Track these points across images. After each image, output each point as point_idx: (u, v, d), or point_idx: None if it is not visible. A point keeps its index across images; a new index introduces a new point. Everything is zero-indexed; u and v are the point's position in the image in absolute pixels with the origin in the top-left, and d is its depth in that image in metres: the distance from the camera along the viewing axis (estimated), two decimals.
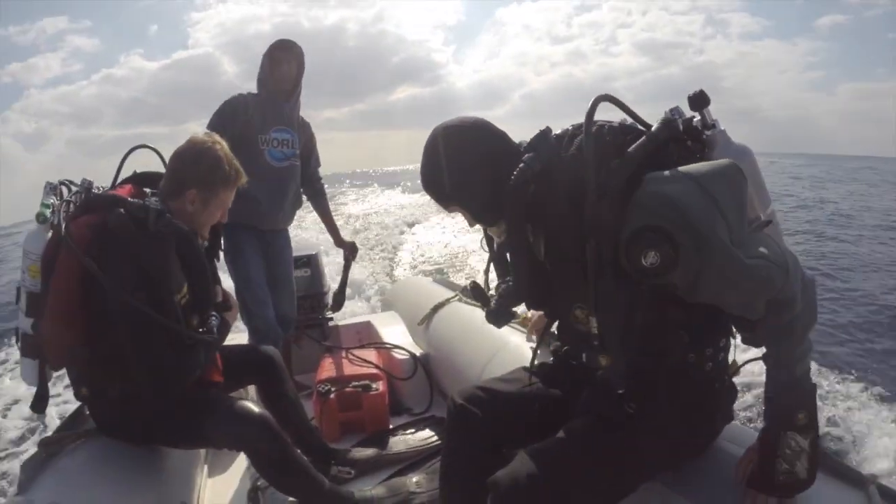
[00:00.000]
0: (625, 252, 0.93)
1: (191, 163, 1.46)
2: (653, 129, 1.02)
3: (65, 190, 1.51)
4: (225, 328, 1.57)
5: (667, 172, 0.95)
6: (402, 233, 12.10)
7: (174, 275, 1.42)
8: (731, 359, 1.15)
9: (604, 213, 0.94)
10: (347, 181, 40.85)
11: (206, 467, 2.03)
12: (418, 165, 1.17)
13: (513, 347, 1.89)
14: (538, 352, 1.32)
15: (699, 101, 0.99)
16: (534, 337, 1.70)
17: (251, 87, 2.44)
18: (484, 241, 1.38)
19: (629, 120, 1.08)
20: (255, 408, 1.50)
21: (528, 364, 1.32)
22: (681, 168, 0.95)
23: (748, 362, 1.20)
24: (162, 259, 1.38)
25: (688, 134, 1.04)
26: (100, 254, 1.32)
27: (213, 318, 1.52)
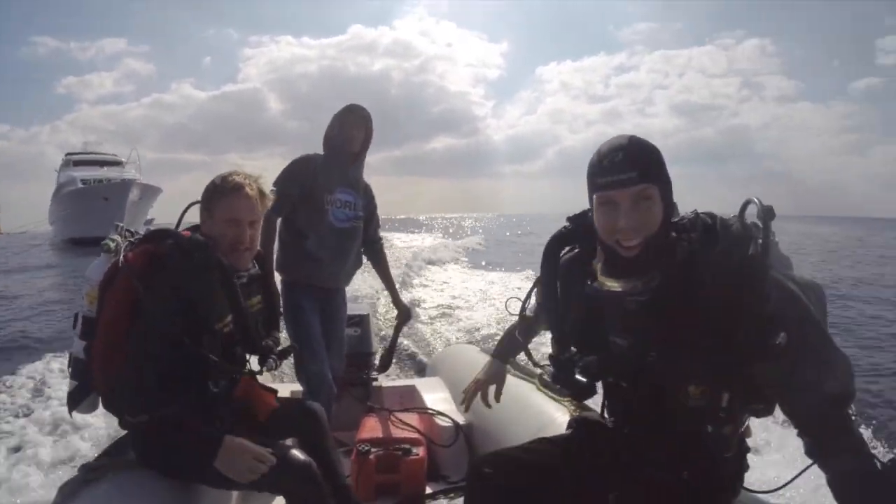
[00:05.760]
0: (761, 331, 1.01)
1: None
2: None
3: (128, 234, 1.62)
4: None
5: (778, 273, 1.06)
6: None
7: (214, 303, 1.52)
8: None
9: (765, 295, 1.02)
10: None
11: None
12: (450, 215, 1.16)
13: (559, 425, 1.85)
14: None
15: (769, 213, 1.07)
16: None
17: (292, 125, 2.69)
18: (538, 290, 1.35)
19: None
20: (300, 455, 1.51)
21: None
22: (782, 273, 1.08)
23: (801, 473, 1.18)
24: (203, 286, 1.49)
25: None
26: (150, 278, 1.43)
27: (272, 359, 1.58)
